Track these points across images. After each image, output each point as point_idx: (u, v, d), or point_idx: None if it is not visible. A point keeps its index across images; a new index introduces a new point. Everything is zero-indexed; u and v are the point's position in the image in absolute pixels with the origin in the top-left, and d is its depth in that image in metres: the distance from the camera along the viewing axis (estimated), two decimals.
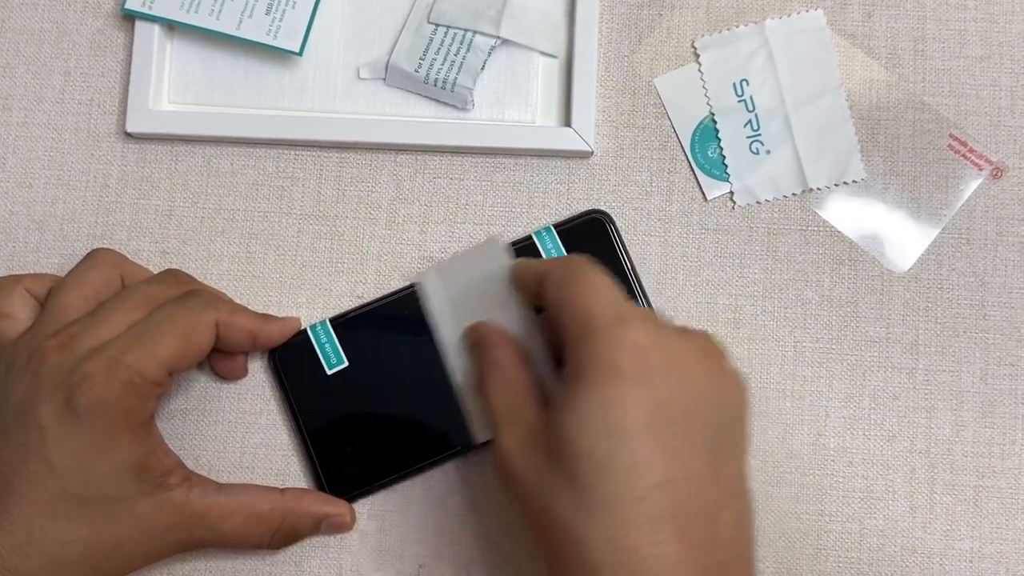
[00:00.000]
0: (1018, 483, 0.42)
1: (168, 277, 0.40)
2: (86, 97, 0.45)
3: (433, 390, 0.41)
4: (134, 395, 0.36)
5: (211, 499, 0.38)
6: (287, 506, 0.40)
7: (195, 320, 0.38)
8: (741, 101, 0.45)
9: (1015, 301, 0.43)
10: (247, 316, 0.41)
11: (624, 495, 0.30)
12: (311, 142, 0.44)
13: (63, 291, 0.39)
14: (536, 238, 0.43)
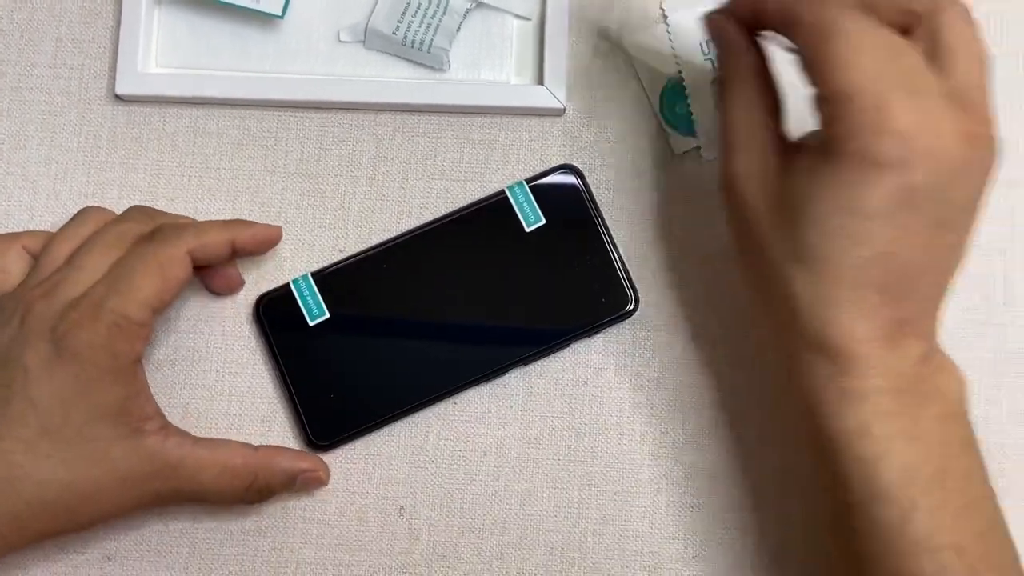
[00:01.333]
0: (977, 424, 0.44)
1: (135, 213, 0.42)
2: (77, 62, 0.47)
3: (412, 339, 0.43)
4: (120, 337, 0.37)
5: (186, 450, 0.39)
6: (260, 461, 0.41)
7: (168, 255, 0.39)
8: (707, 59, 0.46)
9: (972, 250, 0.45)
10: (217, 230, 0.41)
11: (841, 260, 0.32)
12: (294, 103, 0.46)
13: (53, 245, 0.40)
14: (508, 192, 0.44)
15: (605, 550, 0.43)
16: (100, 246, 0.39)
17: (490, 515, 0.43)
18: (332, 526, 0.43)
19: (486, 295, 0.44)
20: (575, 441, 0.44)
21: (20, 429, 0.36)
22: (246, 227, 0.43)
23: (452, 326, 0.43)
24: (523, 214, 0.44)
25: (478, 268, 0.44)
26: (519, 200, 0.44)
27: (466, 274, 0.44)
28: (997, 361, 0.44)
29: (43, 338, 0.37)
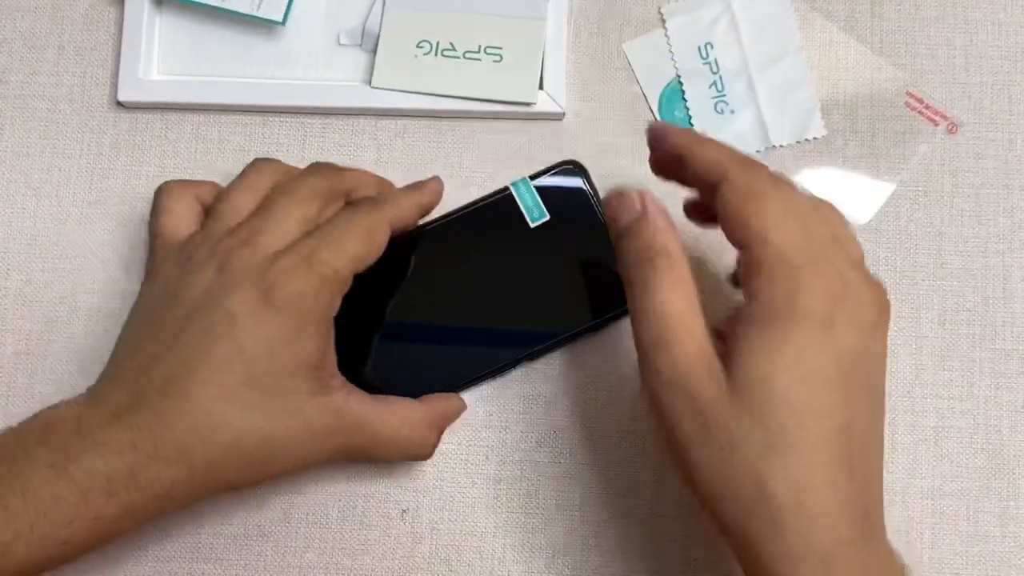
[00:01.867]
0: (976, 423, 0.44)
1: (318, 169, 0.41)
2: (79, 69, 0.47)
3: (414, 337, 0.43)
4: (328, 290, 0.36)
5: (368, 407, 0.39)
6: (434, 414, 0.41)
7: (375, 219, 0.38)
8: (706, 64, 0.47)
9: (971, 249, 0.45)
10: (409, 198, 0.41)
11: (811, 439, 0.31)
12: (295, 108, 0.46)
13: (232, 195, 0.40)
14: (513, 189, 0.44)
15: (607, 553, 0.43)
16: (294, 199, 0.39)
17: (492, 518, 0.43)
18: (334, 530, 0.43)
19: (490, 292, 0.44)
20: (576, 444, 0.44)
21: (224, 375, 0.35)
22: (422, 190, 0.42)
23: (455, 323, 0.43)
24: (527, 210, 0.44)
25: (481, 265, 0.44)
26: (523, 196, 0.44)
27: (469, 271, 0.44)
28: (996, 360, 0.44)
29: (250, 285, 0.36)
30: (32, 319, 0.45)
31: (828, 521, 0.31)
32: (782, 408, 0.31)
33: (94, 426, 0.34)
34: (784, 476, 0.31)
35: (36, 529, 0.33)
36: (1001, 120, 0.46)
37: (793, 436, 0.31)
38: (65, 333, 0.45)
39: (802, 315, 0.31)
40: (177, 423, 0.34)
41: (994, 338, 0.44)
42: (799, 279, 0.32)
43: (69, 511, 0.33)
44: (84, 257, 0.46)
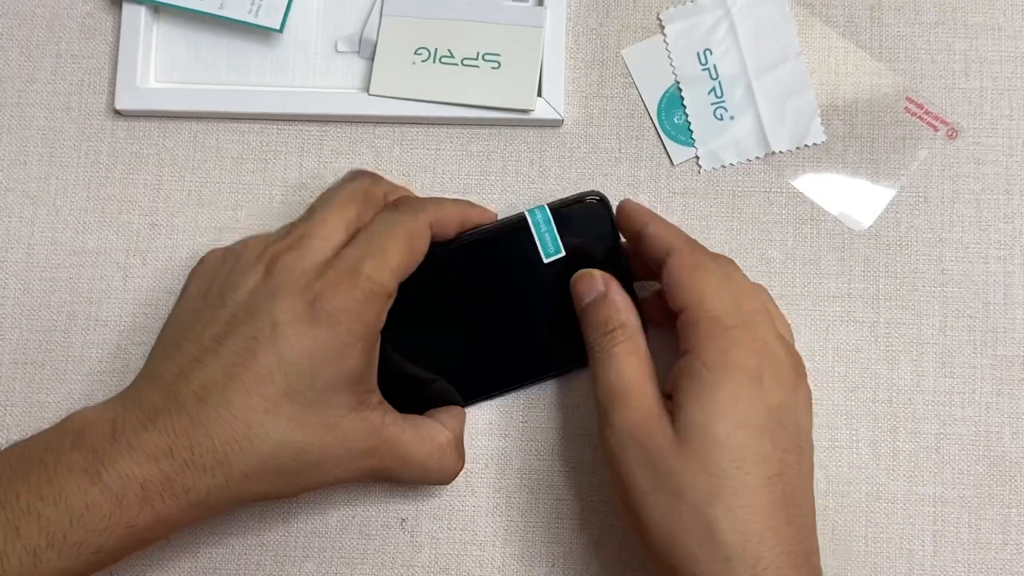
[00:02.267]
0: (978, 430, 0.44)
1: (357, 173, 0.41)
2: (77, 77, 0.47)
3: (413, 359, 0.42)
4: (373, 305, 0.36)
5: (400, 427, 0.38)
6: (458, 432, 0.41)
7: (416, 225, 0.38)
8: (705, 70, 0.46)
9: (971, 255, 0.45)
10: (453, 207, 0.41)
11: (753, 483, 0.34)
12: (292, 116, 0.46)
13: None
14: (529, 217, 0.41)
15: (607, 563, 0.43)
16: (335, 203, 0.38)
17: (492, 527, 0.43)
18: (334, 539, 0.43)
19: (494, 321, 0.42)
20: (577, 452, 0.44)
21: (266, 386, 0.34)
22: (473, 207, 0.42)
23: (456, 347, 0.42)
24: (542, 244, 0.41)
25: (489, 294, 0.42)
26: (539, 227, 0.41)
27: (475, 298, 0.42)
28: (998, 367, 0.44)
29: (296, 295, 0.35)
30: (30, 328, 0.45)
31: (773, 563, 0.33)
32: (722, 453, 0.34)
33: (128, 429, 0.34)
34: (729, 519, 0.34)
35: (69, 537, 0.32)
36: (1001, 125, 0.46)
37: (734, 480, 0.34)
38: (63, 342, 0.45)
39: (735, 367, 0.35)
40: (216, 431, 0.34)
41: (995, 344, 0.44)
42: (731, 337, 0.36)
43: (103, 519, 0.32)
44: (82, 266, 0.45)
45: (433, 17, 0.46)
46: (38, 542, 0.32)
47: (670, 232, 0.39)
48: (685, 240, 0.39)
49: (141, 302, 0.45)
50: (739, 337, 0.36)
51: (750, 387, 0.35)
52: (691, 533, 0.34)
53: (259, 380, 0.34)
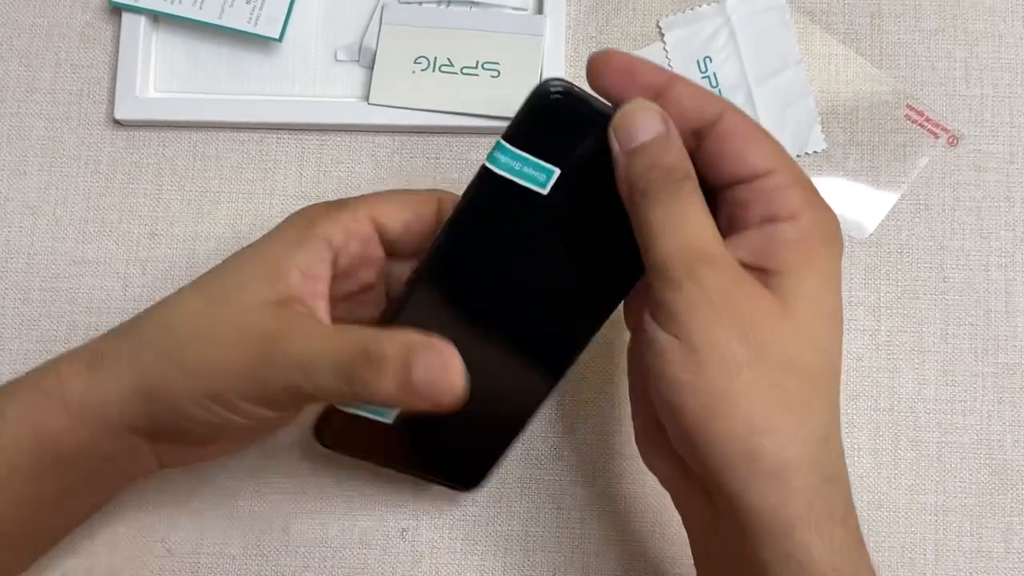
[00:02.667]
0: (980, 438, 0.44)
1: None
2: (76, 87, 0.47)
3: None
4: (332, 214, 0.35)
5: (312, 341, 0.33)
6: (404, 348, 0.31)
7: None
8: (705, 77, 0.46)
9: (972, 263, 0.45)
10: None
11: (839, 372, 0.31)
12: (292, 125, 0.46)
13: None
14: (491, 164, 0.33)
15: (608, 571, 0.43)
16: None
17: (492, 537, 0.43)
18: (334, 549, 0.43)
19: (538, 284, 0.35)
20: (577, 463, 0.44)
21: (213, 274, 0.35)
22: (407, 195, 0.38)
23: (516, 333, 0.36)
24: (530, 180, 0.33)
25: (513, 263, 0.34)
26: (513, 169, 0.32)
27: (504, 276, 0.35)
28: (999, 375, 0.44)
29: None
30: (29, 338, 0.45)
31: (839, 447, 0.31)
32: (832, 330, 0.31)
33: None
34: (834, 400, 0.31)
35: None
36: (1002, 132, 0.46)
37: (837, 361, 0.31)
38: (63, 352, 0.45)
39: (838, 244, 0.31)
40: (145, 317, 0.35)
41: (997, 352, 0.44)
42: (828, 210, 0.32)
43: (21, 384, 0.35)
44: (81, 276, 0.45)
45: (432, 26, 0.46)
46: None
47: (702, 91, 0.32)
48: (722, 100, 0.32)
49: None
50: (832, 212, 0.32)
51: (838, 274, 0.31)
52: (794, 411, 0.29)
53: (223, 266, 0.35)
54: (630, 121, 0.31)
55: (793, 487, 0.29)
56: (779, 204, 0.31)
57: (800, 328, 0.30)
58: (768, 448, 0.29)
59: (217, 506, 0.43)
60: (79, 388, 0.34)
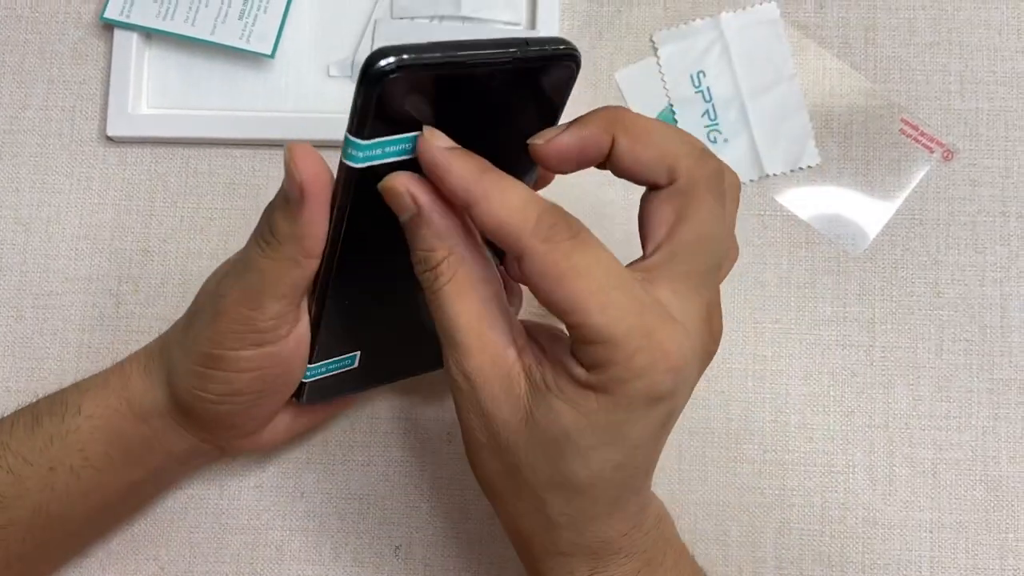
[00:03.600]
0: (975, 455, 0.43)
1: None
2: (68, 104, 0.47)
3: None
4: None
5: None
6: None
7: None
8: (698, 92, 0.46)
9: (967, 278, 0.45)
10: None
11: (604, 487, 0.30)
12: (284, 141, 0.46)
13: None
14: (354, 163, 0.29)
15: None
16: None
17: (486, 554, 0.43)
18: (328, 568, 0.43)
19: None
20: None
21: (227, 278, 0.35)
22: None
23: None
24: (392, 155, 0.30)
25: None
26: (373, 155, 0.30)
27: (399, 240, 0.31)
28: (995, 391, 0.44)
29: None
30: (22, 356, 0.45)
31: (606, 530, 0.32)
32: (581, 464, 0.30)
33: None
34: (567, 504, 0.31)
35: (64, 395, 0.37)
36: (997, 147, 0.45)
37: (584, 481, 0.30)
38: (56, 370, 0.45)
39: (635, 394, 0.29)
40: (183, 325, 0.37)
41: (992, 368, 0.44)
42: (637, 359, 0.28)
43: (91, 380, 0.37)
44: (74, 293, 0.45)
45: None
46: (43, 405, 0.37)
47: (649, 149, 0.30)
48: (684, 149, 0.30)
49: (134, 329, 0.45)
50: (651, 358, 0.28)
51: (652, 408, 0.29)
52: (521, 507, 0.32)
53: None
54: (390, 200, 0.30)
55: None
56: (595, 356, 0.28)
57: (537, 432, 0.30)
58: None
59: (210, 525, 0.43)
60: (139, 388, 0.37)
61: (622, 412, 0.29)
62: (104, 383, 0.37)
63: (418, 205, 0.29)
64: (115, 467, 0.37)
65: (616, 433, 0.29)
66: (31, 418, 0.37)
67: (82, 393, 0.37)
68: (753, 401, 0.44)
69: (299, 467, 0.44)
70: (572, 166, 0.31)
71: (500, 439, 0.30)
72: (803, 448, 0.43)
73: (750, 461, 0.43)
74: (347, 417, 0.44)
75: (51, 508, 0.36)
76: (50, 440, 0.36)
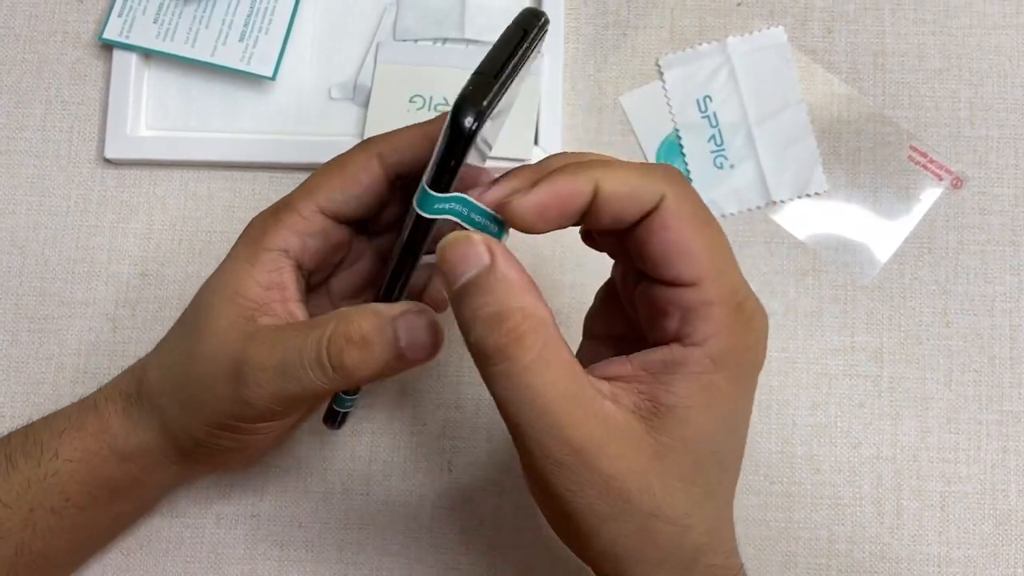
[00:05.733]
0: (984, 488, 0.43)
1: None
2: (66, 125, 0.46)
3: None
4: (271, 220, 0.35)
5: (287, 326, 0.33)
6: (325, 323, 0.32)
7: (351, 155, 0.35)
8: (705, 117, 0.46)
9: (977, 308, 0.44)
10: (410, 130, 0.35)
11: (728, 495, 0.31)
12: (286, 164, 0.45)
13: None
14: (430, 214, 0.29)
15: None
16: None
17: None
18: None
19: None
20: None
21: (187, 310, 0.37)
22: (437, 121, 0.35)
23: None
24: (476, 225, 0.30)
25: None
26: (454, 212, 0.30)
27: None
28: (1004, 423, 0.43)
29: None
30: (18, 380, 0.44)
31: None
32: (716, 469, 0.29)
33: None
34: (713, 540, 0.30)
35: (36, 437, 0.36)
36: (1007, 175, 0.45)
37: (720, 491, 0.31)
38: (51, 395, 0.44)
39: (752, 368, 0.29)
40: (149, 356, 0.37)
41: (1001, 400, 0.43)
42: (753, 328, 0.29)
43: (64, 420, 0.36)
44: (71, 317, 0.45)
45: (427, 64, 0.45)
46: (16, 445, 0.36)
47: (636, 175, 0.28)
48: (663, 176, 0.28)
49: (131, 354, 0.44)
50: (758, 326, 0.29)
51: (752, 385, 0.30)
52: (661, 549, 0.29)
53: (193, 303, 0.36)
54: (446, 257, 0.28)
55: None
56: (692, 324, 0.28)
57: (670, 473, 0.28)
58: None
59: (207, 555, 0.43)
60: (121, 431, 0.36)
61: (742, 388, 0.29)
62: (79, 425, 0.36)
63: (493, 256, 0.27)
64: (99, 504, 0.36)
65: (738, 416, 0.30)
66: (4, 459, 0.36)
67: (57, 435, 0.36)
68: (759, 432, 0.43)
69: (296, 497, 0.43)
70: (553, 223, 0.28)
71: (631, 495, 0.28)
72: (810, 480, 0.43)
73: (756, 493, 0.43)
74: (346, 446, 0.43)
75: (34, 546, 0.35)
76: (27, 483, 0.35)
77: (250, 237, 0.35)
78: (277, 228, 0.34)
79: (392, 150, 0.34)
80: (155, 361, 0.36)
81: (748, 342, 0.29)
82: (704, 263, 0.28)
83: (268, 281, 0.34)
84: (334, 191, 0.34)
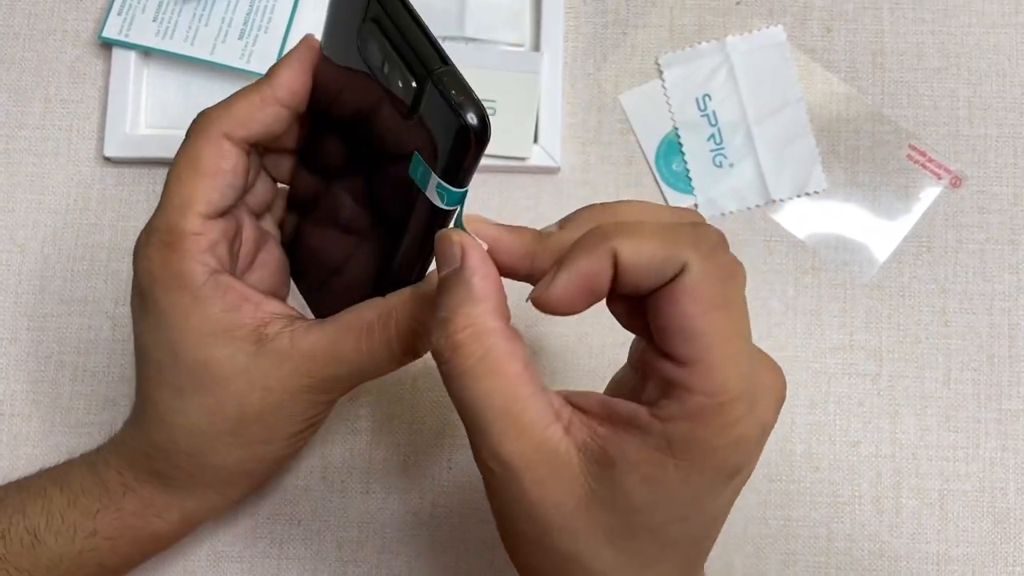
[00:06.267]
0: (983, 486, 0.43)
1: None
2: (66, 123, 0.46)
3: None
4: (175, 256, 0.32)
5: (314, 333, 0.33)
6: (392, 303, 0.32)
7: (196, 147, 0.33)
8: (704, 115, 0.46)
9: (976, 307, 0.44)
10: (247, 93, 0.34)
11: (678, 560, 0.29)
12: None
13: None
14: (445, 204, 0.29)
15: None
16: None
17: None
18: None
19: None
20: None
21: (146, 369, 0.34)
22: (279, 70, 0.34)
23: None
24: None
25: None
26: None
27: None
28: (1003, 421, 0.43)
29: (133, 280, 0.34)
30: (17, 379, 0.44)
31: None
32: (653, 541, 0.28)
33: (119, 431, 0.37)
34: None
35: (66, 518, 0.35)
36: (1006, 173, 0.45)
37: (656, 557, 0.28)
38: (51, 393, 0.44)
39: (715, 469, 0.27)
40: (139, 421, 0.36)
41: (1000, 398, 0.43)
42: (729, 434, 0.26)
43: (94, 501, 0.35)
44: (70, 315, 0.45)
45: None
46: (38, 522, 0.35)
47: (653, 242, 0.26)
48: (691, 241, 0.26)
49: (130, 353, 0.44)
50: (739, 434, 0.26)
51: (719, 486, 0.27)
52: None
53: (143, 366, 0.34)
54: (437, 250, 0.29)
55: None
56: (666, 398, 0.26)
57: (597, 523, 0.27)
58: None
59: (205, 553, 0.43)
60: (164, 505, 0.36)
61: (702, 484, 0.26)
62: (117, 506, 0.35)
63: (463, 257, 0.28)
64: (136, 560, 0.38)
65: (693, 508, 0.27)
66: (26, 534, 0.35)
67: (91, 516, 0.35)
68: None
69: (296, 495, 0.43)
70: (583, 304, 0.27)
71: (552, 528, 0.27)
72: (809, 478, 0.43)
73: (755, 491, 0.43)
74: (346, 444, 0.43)
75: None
76: (59, 559, 0.35)
77: (171, 287, 0.32)
78: (192, 259, 0.32)
79: (237, 125, 0.33)
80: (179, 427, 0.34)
81: (717, 443, 0.26)
82: (699, 349, 0.26)
83: (228, 304, 0.33)
84: (206, 194, 0.33)
